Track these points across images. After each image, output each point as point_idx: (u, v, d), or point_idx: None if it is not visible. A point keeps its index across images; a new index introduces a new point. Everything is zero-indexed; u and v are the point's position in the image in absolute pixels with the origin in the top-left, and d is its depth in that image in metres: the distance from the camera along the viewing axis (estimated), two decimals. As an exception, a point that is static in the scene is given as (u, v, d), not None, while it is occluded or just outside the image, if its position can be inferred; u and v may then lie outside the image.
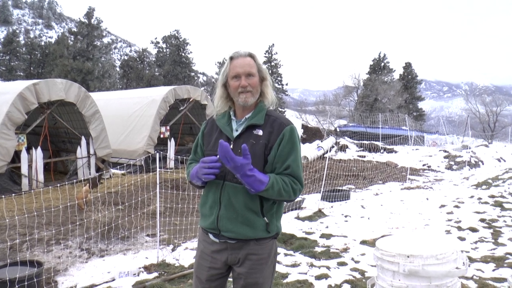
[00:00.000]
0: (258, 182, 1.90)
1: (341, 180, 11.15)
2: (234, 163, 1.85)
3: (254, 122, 2.04)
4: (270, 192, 1.92)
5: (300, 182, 2.02)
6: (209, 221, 2.08)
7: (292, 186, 1.98)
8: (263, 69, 2.10)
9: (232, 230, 2.02)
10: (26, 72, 54.96)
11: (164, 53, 57.32)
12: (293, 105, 63.97)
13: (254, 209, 2.00)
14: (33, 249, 5.11)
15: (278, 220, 2.13)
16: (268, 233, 2.05)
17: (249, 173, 1.88)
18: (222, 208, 2.03)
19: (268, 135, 2.01)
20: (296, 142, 2.04)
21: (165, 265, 4.64)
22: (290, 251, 5.18)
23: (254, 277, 2.05)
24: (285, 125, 2.04)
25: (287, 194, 1.96)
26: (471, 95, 42.05)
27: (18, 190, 8.70)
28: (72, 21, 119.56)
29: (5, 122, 8.77)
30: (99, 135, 10.78)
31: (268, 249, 2.09)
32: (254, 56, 2.09)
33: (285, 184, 1.96)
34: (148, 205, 6.94)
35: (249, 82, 2.03)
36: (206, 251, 2.14)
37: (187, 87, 13.93)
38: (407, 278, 2.66)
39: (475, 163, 15.71)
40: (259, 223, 2.02)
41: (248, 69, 2.04)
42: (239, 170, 1.87)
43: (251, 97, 2.05)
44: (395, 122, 25.25)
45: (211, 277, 2.13)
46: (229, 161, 1.85)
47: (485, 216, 7.06)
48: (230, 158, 1.84)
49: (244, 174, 1.88)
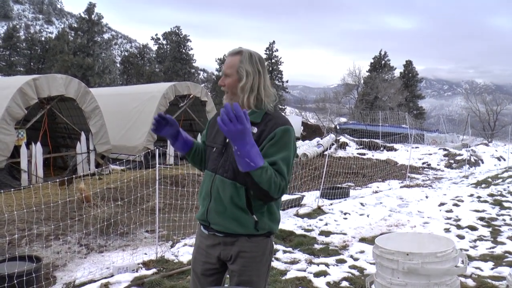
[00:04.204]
0: (259, 156, 1.76)
1: (340, 178, 11.15)
2: (244, 124, 1.66)
3: (251, 120, 1.97)
4: (263, 175, 1.76)
5: (286, 181, 1.87)
6: (200, 212, 2.10)
7: (280, 181, 1.84)
8: (243, 69, 1.97)
9: (220, 223, 2.01)
10: (26, 67, 54.87)
11: (164, 49, 57.23)
12: (293, 102, 63.89)
13: (240, 205, 1.96)
14: (32, 244, 5.11)
15: (272, 219, 2.04)
16: (257, 231, 2.00)
17: (250, 141, 1.72)
18: (212, 200, 2.02)
19: (260, 133, 1.95)
20: (288, 143, 1.92)
21: (164, 261, 4.64)
22: (289, 248, 5.18)
23: (247, 275, 2.03)
24: (278, 125, 1.94)
25: (275, 186, 1.80)
26: (472, 94, 42.07)
27: (17, 185, 8.71)
28: (73, 16, 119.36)
29: (4, 117, 8.76)
30: (99, 131, 10.77)
31: (262, 247, 2.05)
32: (242, 53, 2.00)
33: (275, 175, 1.82)
34: (147, 201, 6.93)
35: (225, 82, 2.00)
36: (202, 245, 2.15)
37: (187, 83, 13.91)
38: (406, 276, 2.65)
39: (475, 161, 15.71)
40: (248, 220, 1.97)
41: (225, 68, 2.01)
42: (248, 134, 1.69)
43: (227, 98, 2.02)
44: (395, 120, 25.22)
45: (206, 271, 2.13)
46: (238, 122, 1.65)
47: (484, 215, 7.07)
48: (239, 117, 1.64)
49: (250, 141, 1.71)
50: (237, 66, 1.98)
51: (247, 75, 1.97)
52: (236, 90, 2.00)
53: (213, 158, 2.08)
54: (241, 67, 1.98)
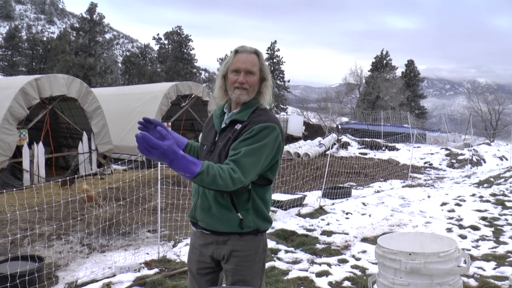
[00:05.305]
0: (192, 164, 1.71)
1: (342, 177, 11.13)
2: (160, 148, 1.63)
3: (237, 118, 2.01)
4: (204, 178, 1.73)
5: (242, 171, 1.82)
6: (190, 209, 2.14)
7: (230, 174, 1.79)
8: (265, 69, 2.05)
9: (205, 221, 2.03)
10: (28, 68, 55.01)
11: (166, 49, 57.24)
12: (295, 102, 63.87)
13: (224, 204, 1.96)
14: (34, 244, 5.11)
15: (258, 216, 2.02)
16: (242, 229, 1.98)
17: (179, 153, 1.68)
18: (199, 198, 2.05)
19: (242, 128, 1.96)
20: (262, 138, 1.89)
21: (166, 261, 4.64)
22: (291, 248, 5.18)
23: (241, 274, 2.03)
24: (261, 122, 1.93)
25: (223, 182, 1.77)
26: (473, 93, 41.88)
27: (19, 185, 8.72)
28: (74, 16, 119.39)
29: (7, 117, 8.78)
30: (100, 131, 10.78)
31: (255, 245, 2.05)
32: (260, 54, 2.05)
33: (221, 170, 1.78)
34: (149, 201, 6.94)
35: (248, 79, 1.99)
36: (195, 244, 2.16)
37: (189, 83, 13.93)
38: (409, 275, 2.65)
39: (477, 161, 15.67)
40: (232, 218, 1.97)
41: (250, 66, 1.99)
42: (169, 153, 1.65)
43: (245, 95, 2.00)
44: (397, 119, 25.19)
45: (200, 270, 2.14)
46: (154, 149, 1.63)
47: (487, 215, 7.05)
48: (153, 145, 1.62)
49: (175, 158, 1.67)
50: (259, 65, 2.02)
51: (269, 75, 2.06)
52: (256, 88, 2.03)
53: (203, 155, 2.10)
54: (264, 66, 2.04)
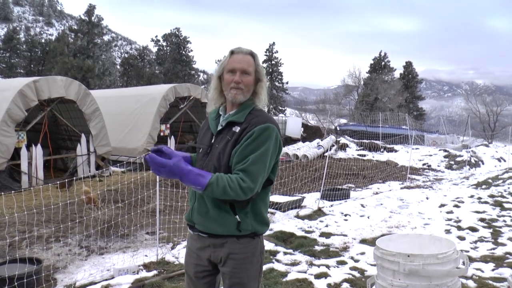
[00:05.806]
0: (200, 177, 1.83)
1: (341, 179, 11.14)
2: (167, 166, 1.79)
3: (234, 119, 2.02)
4: (215, 189, 1.83)
5: (252, 179, 1.87)
6: (187, 213, 2.13)
7: (240, 184, 1.85)
8: (261, 70, 2.07)
9: (202, 224, 2.03)
10: (26, 70, 54.88)
11: (164, 51, 57.23)
12: (294, 103, 63.96)
13: (222, 206, 1.96)
14: (33, 247, 5.11)
15: (257, 219, 2.03)
16: (239, 231, 1.99)
17: (185, 168, 1.81)
18: (196, 201, 2.05)
19: (241, 131, 1.97)
20: (265, 141, 1.93)
21: (165, 263, 4.64)
22: (289, 250, 5.17)
23: (238, 276, 2.03)
24: (259, 123, 1.96)
25: (234, 193, 1.84)
26: (472, 95, 42.09)
27: (17, 187, 8.71)
28: (73, 18, 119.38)
29: (5, 119, 8.77)
30: (99, 133, 10.78)
31: (252, 248, 2.05)
32: (255, 55, 2.08)
33: (230, 181, 1.85)
34: (147, 203, 6.93)
35: (243, 79, 2.01)
36: (192, 247, 2.16)
37: (188, 85, 13.91)
38: (407, 277, 2.65)
39: (475, 162, 15.71)
40: (230, 221, 1.97)
41: (245, 66, 2.02)
42: (175, 170, 1.79)
43: (241, 95, 2.02)
44: (395, 121, 25.25)
45: (198, 273, 2.14)
46: (162, 167, 1.79)
47: (485, 216, 7.06)
48: (159, 163, 1.78)
49: (183, 174, 1.81)
50: (255, 66, 2.05)
51: (264, 76, 2.08)
52: (251, 88, 2.05)
53: (199, 158, 2.11)
54: (259, 67, 2.06)
